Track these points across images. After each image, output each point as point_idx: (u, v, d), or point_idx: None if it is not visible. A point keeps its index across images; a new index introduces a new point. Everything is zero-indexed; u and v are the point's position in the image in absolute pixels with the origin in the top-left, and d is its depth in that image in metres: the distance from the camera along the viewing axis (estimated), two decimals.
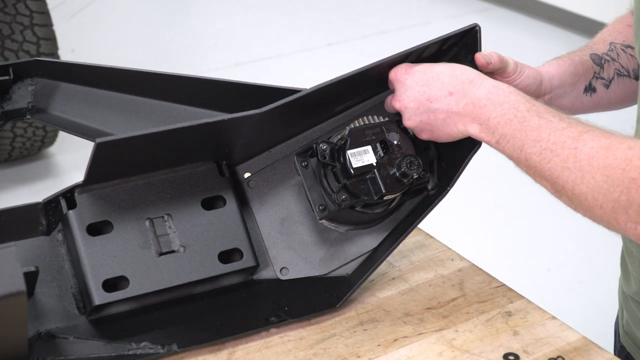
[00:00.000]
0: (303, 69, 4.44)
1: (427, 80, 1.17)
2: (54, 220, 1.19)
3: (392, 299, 1.27)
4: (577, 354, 1.15)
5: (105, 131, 1.29)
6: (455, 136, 1.17)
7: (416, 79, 1.18)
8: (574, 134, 1.03)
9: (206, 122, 1.15)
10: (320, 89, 1.18)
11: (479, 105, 1.12)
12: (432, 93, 1.16)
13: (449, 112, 1.15)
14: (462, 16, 5.09)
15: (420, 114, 1.17)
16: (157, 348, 1.14)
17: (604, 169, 0.98)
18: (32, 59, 1.29)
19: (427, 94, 1.16)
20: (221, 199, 1.24)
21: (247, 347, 1.17)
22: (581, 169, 1.00)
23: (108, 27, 5.01)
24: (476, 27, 1.22)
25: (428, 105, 1.16)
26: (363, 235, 1.29)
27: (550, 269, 2.99)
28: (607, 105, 1.35)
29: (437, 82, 1.16)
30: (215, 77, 1.30)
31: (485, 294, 1.27)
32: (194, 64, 4.49)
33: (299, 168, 1.26)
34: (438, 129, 1.17)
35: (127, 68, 1.28)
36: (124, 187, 1.20)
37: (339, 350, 1.17)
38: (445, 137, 1.18)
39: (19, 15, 3.13)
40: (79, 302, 1.18)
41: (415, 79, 1.18)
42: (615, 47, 1.35)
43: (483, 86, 1.13)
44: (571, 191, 1.02)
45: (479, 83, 1.14)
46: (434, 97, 1.16)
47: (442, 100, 1.15)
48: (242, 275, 1.25)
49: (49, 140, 3.42)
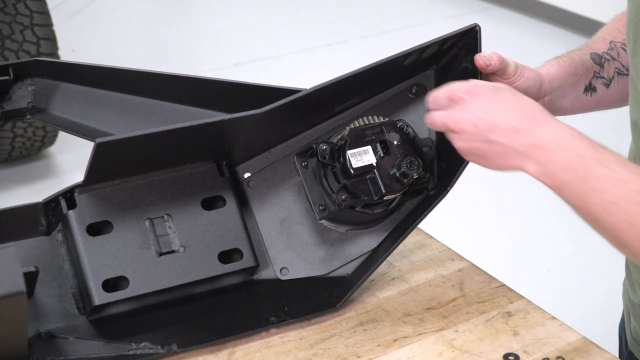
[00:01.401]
0: (303, 69, 4.44)
1: (492, 109, 1.11)
2: (54, 220, 1.19)
3: (392, 299, 1.27)
4: (577, 354, 1.15)
5: (105, 131, 1.29)
6: (507, 170, 1.12)
7: (480, 104, 1.11)
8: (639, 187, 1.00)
9: (206, 122, 1.15)
10: (320, 89, 1.18)
11: (542, 147, 1.07)
12: (494, 123, 1.10)
13: (508, 147, 1.09)
14: (462, 16, 5.09)
15: (477, 141, 1.11)
16: (157, 348, 1.14)
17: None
18: (32, 59, 1.28)
19: (488, 122, 1.10)
20: (221, 199, 1.24)
21: (247, 347, 1.17)
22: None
23: (108, 27, 5.01)
24: (476, 27, 1.22)
25: (488, 136, 1.10)
26: (363, 236, 1.29)
27: (550, 269, 2.99)
28: (608, 104, 1.35)
29: (502, 113, 1.10)
30: (215, 77, 1.30)
31: (485, 294, 1.27)
32: (194, 64, 4.49)
33: (299, 168, 1.26)
34: (492, 160, 1.12)
35: (127, 68, 1.28)
36: (124, 187, 1.20)
37: (339, 350, 1.16)
38: (494, 167, 1.13)
39: (19, 15, 3.13)
40: (79, 302, 1.18)
41: (479, 104, 1.11)
42: (616, 46, 1.34)
43: (548, 127, 1.08)
44: (632, 245, 1.00)
45: (545, 121, 1.09)
46: (496, 129, 1.09)
47: (504, 135, 1.09)
48: (242, 275, 1.25)
49: (49, 140, 3.42)
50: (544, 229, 3.16)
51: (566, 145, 1.06)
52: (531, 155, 1.07)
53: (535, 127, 1.08)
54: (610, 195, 1.01)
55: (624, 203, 1.00)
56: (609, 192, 1.01)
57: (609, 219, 1.02)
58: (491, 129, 1.10)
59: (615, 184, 1.01)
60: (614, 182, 1.02)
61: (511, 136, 1.08)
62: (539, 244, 3.11)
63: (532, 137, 1.08)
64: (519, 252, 3.06)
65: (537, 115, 1.09)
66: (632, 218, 0.99)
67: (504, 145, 1.09)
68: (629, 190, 1.00)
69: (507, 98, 1.12)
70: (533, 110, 1.10)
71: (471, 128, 1.11)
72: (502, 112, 1.10)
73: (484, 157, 1.12)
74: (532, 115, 1.09)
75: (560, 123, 1.09)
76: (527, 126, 1.08)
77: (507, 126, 1.09)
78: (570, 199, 1.05)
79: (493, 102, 1.11)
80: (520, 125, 1.08)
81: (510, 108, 1.10)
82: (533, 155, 1.07)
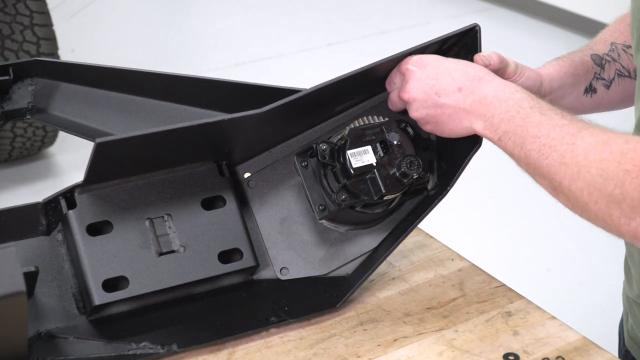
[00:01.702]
0: (303, 69, 4.44)
1: (438, 73, 1.17)
2: (54, 220, 1.19)
3: (392, 299, 1.27)
4: (577, 354, 1.15)
5: (105, 131, 1.29)
6: (460, 132, 1.17)
7: (427, 71, 1.17)
8: (574, 131, 1.03)
9: (206, 122, 1.15)
10: (320, 89, 1.18)
11: (485, 102, 1.12)
12: (442, 87, 1.16)
13: (456, 107, 1.15)
14: (462, 16, 5.09)
15: (428, 107, 1.17)
16: (157, 348, 1.14)
17: (599, 163, 0.98)
18: (32, 59, 1.28)
19: (436, 87, 1.16)
20: (221, 199, 1.24)
21: (247, 347, 1.17)
22: (577, 163, 1.00)
23: (108, 27, 5.01)
24: (476, 27, 1.22)
25: (436, 99, 1.16)
26: (363, 235, 1.29)
27: (550, 269, 2.99)
28: (608, 106, 1.35)
29: (448, 76, 1.16)
30: (215, 77, 1.30)
31: (485, 294, 1.27)
32: (194, 64, 4.49)
33: (299, 168, 1.26)
34: (443, 124, 1.17)
35: (127, 68, 1.28)
36: (124, 187, 1.20)
37: (339, 350, 1.17)
38: (449, 132, 1.18)
39: (19, 15, 3.13)
40: (79, 302, 1.18)
41: (426, 72, 1.17)
42: (617, 48, 1.34)
43: (491, 84, 1.13)
44: (567, 187, 1.02)
45: (488, 81, 1.14)
46: (443, 92, 1.16)
47: (451, 96, 1.15)
48: (242, 275, 1.25)
49: (49, 140, 3.42)
50: (544, 229, 3.16)
51: (506, 97, 1.11)
52: (476, 111, 1.13)
53: (479, 85, 1.14)
54: (546, 139, 1.05)
55: (558, 145, 1.03)
56: (545, 136, 1.05)
57: (545, 163, 1.04)
58: (439, 93, 1.16)
59: (551, 129, 1.05)
60: (550, 127, 1.05)
61: (457, 97, 1.15)
62: (539, 244, 3.11)
63: (476, 95, 1.13)
64: (519, 252, 3.06)
65: (481, 76, 1.15)
66: (565, 158, 1.02)
67: (452, 107, 1.15)
68: (564, 134, 1.03)
69: (453, 65, 1.17)
70: (478, 72, 1.16)
71: (421, 95, 1.17)
72: (448, 76, 1.16)
73: (437, 123, 1.18)
74: (476, 76, 1.15)
75: (503, 80, 1.15)
76: (471, 85, 1.14)
77: (453, 87, 1.15)
78: (512, 149, 1.09)
79: (439, 68, 1.17)
80: (465, 85, 1.14)
81: (456, 71, 1.16)
82: (478, 111, 1.13)
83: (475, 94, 1.13)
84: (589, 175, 0.99)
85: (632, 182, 0.95)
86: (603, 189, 0.97)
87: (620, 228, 0.97)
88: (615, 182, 0.96)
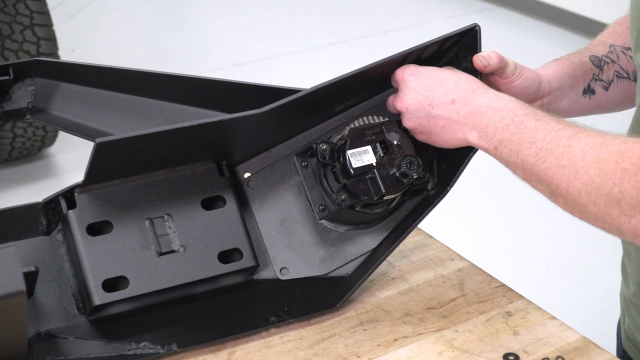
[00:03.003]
0: (303, 69, 4.44)
1: (432, 84, 1.18)
2: (54, 220, 1.19)
3: (392, 299, 1.27)
4: (577, 354, 1.15)
5: (105, 131, 1.29)
6: (453, 144, 1.18)
7: (421, 82, 1.18)
8: (569, 133, 1.03)
9: (206, 122, 1.15)
10: (320, 89, 1.18)
11: (479, 112, 1.13)
12: (435, 98, 1.17)
13: (449, 119, 1.16)
14: (462, 16, 5.09)
15: (421, 117, 1.18)
16: (157, 348, 1.14)
17: (596, 163, 0.98)
18: (32, 59, 1.28)
19: (429, 98, 1.17)
20: (221, 199, 1.24)
21: (247, 347, 1.17)
22: (575, 164, 1.00)
23: (108, 27, 5.01)
24: (476, 27, 1.22)
25: (429, 110, 1.17)
26: (363, 235, 1.29)
27: (550, 269, 2.99)
28: (606, 107, 1.35)
29: (441, 88, 1.17)
30: (215, 77, 1.30)
31: (485, 294, 1.27)
32: (194, 64, 4.49)
33: (299, 168, 1.26)
34: (436, 134, 1.18)
35: (127, 68, 1.28)
36: (124, 187, 1.20)
37: (339, 350, 1.17)
38: (442, 143, 1.19)
39: (19, 15, 3.13)
40: (79, 302, 1.18)
41: (421, 82, 1.18)
42: (615, 49, 1.35)
43: (484, 95, 1.14)
44: (565, 190, 1.02)
45: (482, 92, 1.15)
46: (436, 103, 1.17)
47: (444, 107, 1.16)
48: (242, 275, 1.25)
49: (49, 140, 3.42)
50: (544, 229, 3.16)
51: (500, 107, 1.12)
52: (470, 122, 1.14)
53: (473, 97, 1.15)
54: (542, 144, 1.05)
55: (555, 148, 1.03)
56: (540, 140, 1.05)
57: (542, 167, 1.04)
58: (432, 104, 1.17)
59: (547, 133, 1.05)
60: (546, 132, 1.06)
61: (450, 108, 1.16)
62: (539, 244, 3.11)
63: (470, 107, 1.14)
64: (519, 252, 3.06)
65: (475, 88, 1.16)
66: (562, 160, 1.02)
67: (446, 118, 1.16)
68: (560, 137, 1.04)
69: (447, 76, 1.18)
70: (471, 84, 1.16)
71: (415, 106, 1.18)
72: (441, 87, 1.17)
73: (430, 134, 1.19)
74: (469, 88, 1.16)
75: (496, 92, 1.16)
76: (464, 97, 1.15)
77: (447, 99, 1.16)
78: (507, 156, 1.10)
79: (434, 79, 1.18)
80: (459, 97, 1.15)
81: (450, 83, 1.17)
82: (472, 122, 1.14)
83: (469, 105, 1.14)
84: (586, 175, 0.99)
85: (631, 180, 0.95)
86: (601, 189, 0.97)
87: (620, 227, 0.97)
88: (614, 181, 0.96)
